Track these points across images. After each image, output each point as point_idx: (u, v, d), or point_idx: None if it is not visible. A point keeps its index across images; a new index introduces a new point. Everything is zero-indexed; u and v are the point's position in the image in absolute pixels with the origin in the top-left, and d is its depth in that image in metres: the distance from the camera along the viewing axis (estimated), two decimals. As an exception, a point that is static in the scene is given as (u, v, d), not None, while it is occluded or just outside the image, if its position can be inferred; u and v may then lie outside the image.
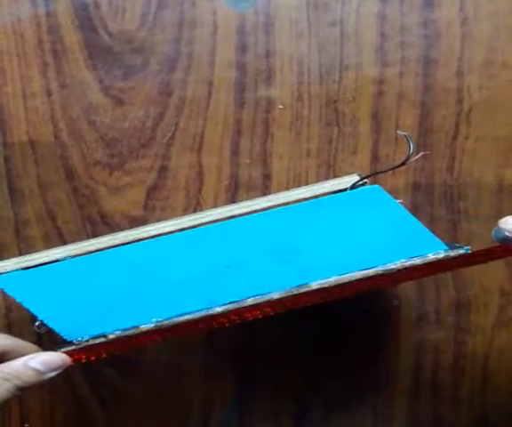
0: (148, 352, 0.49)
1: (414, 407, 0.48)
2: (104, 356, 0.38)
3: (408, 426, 0.49)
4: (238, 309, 0.37)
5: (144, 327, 0.38)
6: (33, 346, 0.37)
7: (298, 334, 0.48)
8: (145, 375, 0.49)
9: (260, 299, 0.37)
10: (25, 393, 0.35)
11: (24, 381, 0.34)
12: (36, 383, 0.35)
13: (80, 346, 0.37)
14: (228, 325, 0.37)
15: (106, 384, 0.49)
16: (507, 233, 0.34)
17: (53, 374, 0.35)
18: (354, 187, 0.36)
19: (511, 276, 0.47)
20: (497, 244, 0.35)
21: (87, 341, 0.38)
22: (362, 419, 0.49)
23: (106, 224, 0.47)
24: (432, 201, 0.46)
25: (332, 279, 0.37)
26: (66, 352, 0.37)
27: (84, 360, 0.38)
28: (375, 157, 0.46)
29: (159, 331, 0.38)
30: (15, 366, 0.34)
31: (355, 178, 0.36)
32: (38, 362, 0.35)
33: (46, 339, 0.43)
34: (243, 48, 0.46)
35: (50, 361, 0.35)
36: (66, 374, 0.48)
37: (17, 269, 0.37)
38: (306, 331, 0.48)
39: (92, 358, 0.38)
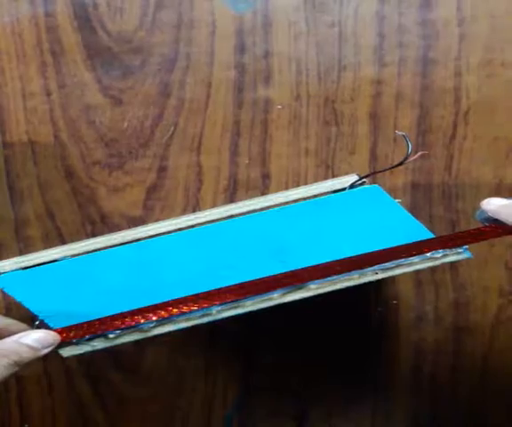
0: (149, 354, 0.49)
1: (413, 407, 0.48)
2: (92, 333, 0.38)
3: (407, 426, 0.49)
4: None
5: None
6: (22, 324, 0.38)
7: (298, 335, 0.48)
8: (146, 377, 0.49)
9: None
10: (22, 370, 0.36)
11: (21, 356, 0.35)
12: (31, 360, 0.36)
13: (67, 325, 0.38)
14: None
15: (107, 386, 0.49)
16: (489, 213, 0.35)
17: (47, 350, 0.36)
18: (352, 186, 0.36)
19: (510, 276, 0.47)
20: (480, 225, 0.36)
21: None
22: (362, 419, 0.49)
23: (105, 224, 0.47)
24: (430, 201, 0.46)
25: (330, 279, 0.38)
26: (56, 330, 0.37)
27: (71, 338, 0.38)
28: (374, 157, 0.46)
29: (145, 310, 0.38)
30: (10, 343, 0.35)
31: (353, 178, 0.37)
32: (32, 339, 0.36)
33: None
34: (241, 49, 0.46)
35: (43, 338, 0.36)
36: (67, 376, 0.49)
37: (16, 269, 0.37)
38: (306, 332, 0.48)
39: (80, 335, 0.38)
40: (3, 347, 0.35)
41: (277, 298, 0.38)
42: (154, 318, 0.38)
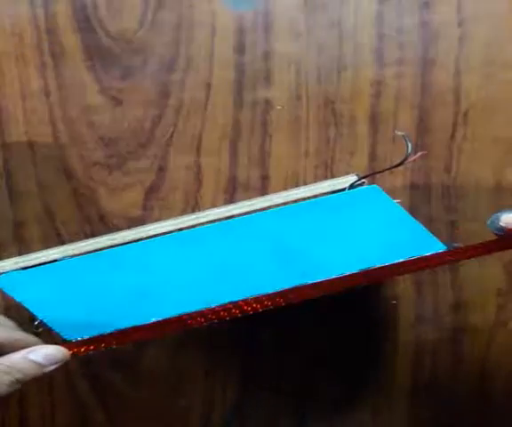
0: (148, 354, 0.49)
1: (413, 407, 0.48)
2: (103, 348, 0.38)
3: (407, 425, 0.49)
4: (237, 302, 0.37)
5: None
6: (31, 338, 0.37)
7: (298, 335, 0.48)
8: (146, 377, 0.49)
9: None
10: (23, 386, 0.35)
11: (25, 373, 0.34)
12: (35, 376, 0.35)
13: (79, 339, 0.38)
14: (227, 318, 0.38)
15: (107, 386, 0.49)
16: (501, 223, 0.34)
17: (53, 367, 0.36)
18: (352, 187, 0.36)
19: (509, 276, 0.47)
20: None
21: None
22: (361, 419, 0.49)
23: (104, 224, 0.47)
24: (430, 201, 0.46)
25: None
26: (65, 345, 0.37)
27: (82, 353, 0.38)
28: (373, 158, 0.46)
29: (159, 324, 0.38)
30: (15, 358, 0.34)
31: (353, 178, 0.36)
32: (39, 355, 0.35)
33: (45, 339, 0.43)
34: (241, 49, 0.46)
35: (50, 355, 0.35)
36: (66, 376, 0.49)
37: (16, 269, 0.37)
38: (306, 332, 0.48)
39: (91, 350, 0.38)
40: (6, 363, 0.34)
41: None
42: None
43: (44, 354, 0.35)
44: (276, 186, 0.46)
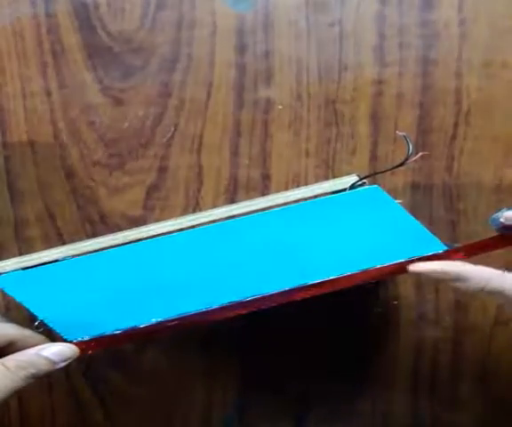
0: (148, 354, 0.49)
1: (413, 407, 0.48)
2: (111, 346, 0.38)
3: (407, 426, 0.49)
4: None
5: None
6: (40, 336, 0.38)
7: (298, 335, 0.48)
8: (146, 377, 0.49)
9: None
10: (35, 381, 0.36)
11: (38, 369, 0.36)
12: (47, 373, 0.36)
13: (87, 338, 0.38)
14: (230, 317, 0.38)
15: (107, 386, 0.49)
16: (501, 220, 0.35)
17: (64, 363, 0.37)
18: (353, 187, 0.36)
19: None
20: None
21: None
22: (362, 419, 0.49)
23: (105, 224, 0.47)
24: (431, 201, 0.46)
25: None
26: (75, 343, 0.38)
27: (91, 351, 0.38)
28: (374, 158, 0.46)
29: (168, 323, 0.38)
30: (29, 355, 0.36)
31: (354, 178, 0.36)
32: (51, 352, 0.37)
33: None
34: (242, 49, 0.46)
35: (62, 351, 0.37)
36: (66, 376, 0.49)
37: (16, 269, 0.37)
38: (306, 332, 0.48)
39: (100, 348, 0.38)
40: (22, 359, 0.36)
41: None
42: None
43: (55, 351, 0.37)
44: (277, 186, 0.46)
